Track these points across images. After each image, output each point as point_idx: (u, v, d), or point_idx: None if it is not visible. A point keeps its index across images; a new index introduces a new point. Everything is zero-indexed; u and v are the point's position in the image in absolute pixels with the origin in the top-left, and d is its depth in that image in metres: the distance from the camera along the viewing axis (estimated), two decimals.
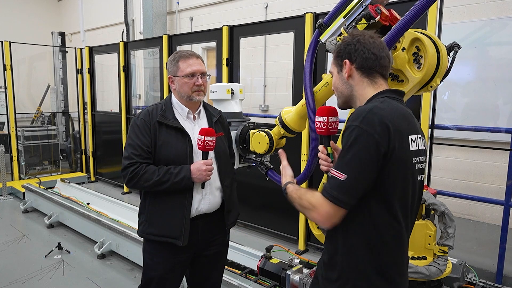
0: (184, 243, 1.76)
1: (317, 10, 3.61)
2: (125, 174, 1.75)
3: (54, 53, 7.33)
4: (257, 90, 6.24)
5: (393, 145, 1.12)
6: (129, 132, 1.81)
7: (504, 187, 3.03)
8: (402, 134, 1.15)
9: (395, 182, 1.15)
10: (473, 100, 4.24)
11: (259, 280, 2.65)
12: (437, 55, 1.46)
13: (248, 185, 4.17)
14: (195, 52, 1.90)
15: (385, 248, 1.19)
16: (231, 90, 2.21)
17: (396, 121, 1.14)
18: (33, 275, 3.22)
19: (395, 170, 1.14)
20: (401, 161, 1.15)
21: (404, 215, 1.21)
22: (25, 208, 4.86)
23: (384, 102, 1.20)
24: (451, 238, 1.92)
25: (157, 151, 1.77)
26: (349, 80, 1.29)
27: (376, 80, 1.27)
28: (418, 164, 1.22)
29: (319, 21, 1.72)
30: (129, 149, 1.76)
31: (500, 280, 2.88)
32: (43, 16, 10.40)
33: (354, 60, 1.26)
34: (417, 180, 1.23)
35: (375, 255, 1.18)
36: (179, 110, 1.86)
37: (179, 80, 1.81)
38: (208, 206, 1.85)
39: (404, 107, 1.25)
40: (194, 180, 1.74)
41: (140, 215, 1.89)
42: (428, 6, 1.32)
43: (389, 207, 1.16)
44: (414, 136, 1.21)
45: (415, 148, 1.20)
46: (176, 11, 7.31)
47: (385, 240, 1.18)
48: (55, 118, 7.51)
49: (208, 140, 1.73)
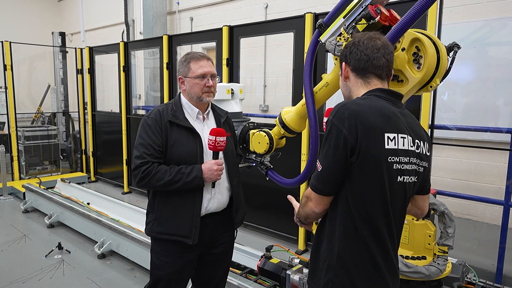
0: (194, 242, 1.78)
1: (317, 10, 3.61)
2: (136, 174, 1.75)
3: (54, 53, 7.34)
4: (257, 90, 6.24)
5: (362, 141, 1.14)
6: (139, 132, 1.82)
7: (503, 187, 3.03)
8: (374, 130, 1.16)
9: (365, 177, 1.18)
10: (473, 100, 4.24)
11: (259, 280, 2.66)
12: (437, 55, 1.46)
13: (248, 185, 4.16)
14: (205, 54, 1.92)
15: (361, 242, 1.21)
16: (231, 90, 2.22)
17: (369, 117, 1.16)
18: (34, 275, 3.22)
19: (365, 166, 1.17)
20: (371, 157, 1.16)
21: (383, 212, 1.20)
22: (26, 208, 4.86)
23: (365, 99, 1.23)
24: (451, 238, 1.92)
25: (168, 150, 1.79)
26: (346, 81, 1.36)
27: (369, 81, 1.30)
28: (397, 164, 1.19)
29: (319, 21, 1.72)
30: (140, 148, 1.76)
31: (500, 280, 2.89)
32: (44, 16, 10.40)
33: (349, 62, 1.32)
34: (396, 180, 1.20)
35: (352, 246, 1.22)
36: (189, 111, 1.88)
37: (190, 81, 1.84)
38: (217, 205, 1.88)
39: (389, 106, 1.23)
40: (205, 179, 1.77)
41: (148, 214, 1.89)
42: (427, 6, 1.32)
43: (362, 202, 1.19)
44: (393, 135, 1.18)
45: (393, 147, 1.18)
46: (176, 11, 7.32)
47: (361, 234, 1.20)
48: (55, 118, 7.51)
49: (220, 140, 1.76)
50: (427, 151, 1.28)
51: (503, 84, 4.01)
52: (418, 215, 1.46)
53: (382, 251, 1.23)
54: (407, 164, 1.22)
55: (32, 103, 8.48)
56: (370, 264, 1.22)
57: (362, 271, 1.22)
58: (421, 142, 1.26)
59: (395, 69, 1.52)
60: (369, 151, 1.15)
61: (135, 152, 1.79)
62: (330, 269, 1.24)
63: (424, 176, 1.31)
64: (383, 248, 1.23)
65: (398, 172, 1.20)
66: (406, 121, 1.25)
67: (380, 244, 1.23)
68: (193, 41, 5.11)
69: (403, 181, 1.22)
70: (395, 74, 1.53)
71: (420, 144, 1.26)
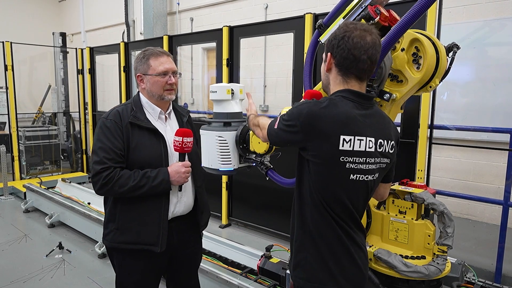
0: (162, 249, 1.70)
1: (316, 11, 3.62)
2: (97, 180, 1.61)
3: (55, 54, 7.35)
4: (257, 90, 6.25)
5: (313, 139, 1.24)
6: (97, 135, 1.67)
7: (502, 187, 3.04)
8: (326, 134, 1.23)
9: (321, 173, 1.28)
10: (472, 100, 4.25)
11: (259, 279, 2.66)
12: (436, 55, 1.48)
13: (248, 185, 4.18)
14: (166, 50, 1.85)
15: (327, 224, 1.31)
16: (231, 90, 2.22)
17: (322, 118, 1.23)
18: (34, 274, 3.23)
19: (318, 163, 1.27)
20: (322, 156, 1.25)
21: (341, 204, 1.30)
22: (26, 207, 4.88)
23: (330, 100, 1.28)
24: (450, 237, 1.92)
25: (130, 154, 1.67)
26: (328, 72, 1.36)
27: (349, 81, 1.30)
28: (351, 164, 1.26)
29: (319, 21, 1.73)
30: (100, 153, 1.62)
31: (499, 279, 2.90)
32: (44, 17, 10.41)
33: (334, 56, 1.31)
34: (349, 178, 1.28)
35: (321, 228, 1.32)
36: (150, 111, 1.78)
37: (150, 78, 1.74)
38: (183, 208, 1.82)
39: (351, 110, 1.27)
40: (172, 183, 1.68)
41: (108, 223, 1.74)
42: (427, 7, 1.32)
43: (321, 193, 1.29)
44: (350, 137, 1.24)
45: (348, 149, 1.24)
46: (176, 11, 7.33)
47: (326, 217, 1.30)
48: (56, 118, 7.52)
49: (187, 141, 1.69)
50: (390, 149, 1.35)
51: (502, 84, 4.02)
52: (377, 199, 1.61)
53: (346, 232, 1.33)
54: (363, 164, 1.29)
55: (33, 103, 8.49)
56: (337, 242, 1.32)
57: (331, 248, 1.32)
58: (384, 141, 1.33)
59: (395, 69, 1.53)
60: (320, 151, 1.25)
61: (94, 158, 1.65)
62: (303, 247, 1.35)
63: (386, 170, 1.41)
64: (347, 230, 1.33)
65: (351, 171, 1.27)
66: (370, 122, 1.29)
67: (343, 227, 1.33)
68: (193, 41, 5.12)
69: (356, 179, 1.29)
70: (394, 74, 1.54)
71: (384, 143, 1.33)
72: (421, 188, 2.00)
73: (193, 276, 2.04)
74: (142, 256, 1.73)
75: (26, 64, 8.98)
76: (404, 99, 1.55)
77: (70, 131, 7.53)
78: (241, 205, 4.39)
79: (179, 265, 1.94)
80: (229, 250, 3.17)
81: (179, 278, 1.99)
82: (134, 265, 1.75)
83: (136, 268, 1.75)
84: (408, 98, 1.57)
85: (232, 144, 2.16)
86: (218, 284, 2.61)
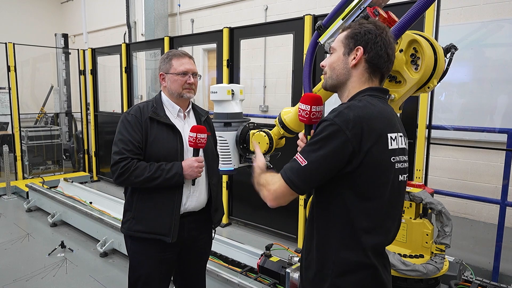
0: (173, 240, 1.76)
1: (316, 12, 3.66)
2: (115, 170, 1.71)
3: (57, 55, 7.39)
4: (257, 91, 6.28)
5: (366, 144, 1.09)
6: (119, 128, 1.78)
7: (500, 186, 3.06)
8: (379, 132, 1.12)
9: (370, 180, 1.12)
10: (470, 100, 4.28)
11: (259, 278, 2.69)
12: (434, 56, 1.48)
13: (248, 185, 4.18)
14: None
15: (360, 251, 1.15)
16: (232, 91, 2.24)
17: (372, 119, 1.11)
18: (37, 273, 3.25)
19: (369, 169, 1.11)
20: (375, 160, 1.11)
21: (384, 214, 1.17)
22: (29, 207, 4.90)
23: (362, 101, 1.16)
24: (448, 236, 1.93)
25: (148, 147, 1.76)
26: (353, 68, 1.21)
27: (374, 79, 1.23)
28: (398, 163, 1.17)
29: (318, 23, 1.73)
30: (119, 144, 1.73)
31: (496, 278, 2.91)
32: (47, 18, 10.45)
33: (368, 52, 1.18)
34: (398, 180, 1.18)
35: (349, 251, 1.15)
36: (169, 108, 1.87)
37: (171, 77, 1.83)
38: (195, 203, 1.86)
39: (384, 105, 1.20)
40: (185, 177, 1.75)
41: (126, 212, 1.85)
42: (425, 8, 1.32)
43: (364, 205, 1.13)
44: (394, 135, 1.16)
45: (395, 147, 1.16)
46: (177, 13, 7.36)
47: (359, 236, 1.14)
48: (58, 119, 7.56)
49: (200, 137, 1.75)
50: (406, 145, 1.26)
51: (500, 85, 4.05)
52: None
53: (382, 259, 1.19)
54: (403, 162, 1.21)
55: (35, 103, 8.52)
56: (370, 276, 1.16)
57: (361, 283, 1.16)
58: (404, 137, 1.25)
59: (393, 70, 1.54)
60: (374, 155, 1.10)
61: (113, 148, 1.75)
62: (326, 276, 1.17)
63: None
64: (383, 256, 1.20)
65: (400, 171, 1.19)
66: (395, 118, 1.23)
67: (380, 253, 1.18)
68: (194, 42, 5.15)
69: (403, 179, 1.21)
70: (393, 75, 1.56)
71: (405, 139, 1.25)
72: (419, 188, 2.02)
73: (199, 272, 2.08)
74: (155, 246, 1.80)
75: (29, 65, 9.00)
76: (403, 100, 1.56)
77: (72, 131, 7.57)
78: (241, 204, 4.41)
79: (187, 261, 1.99)
80: (230, 249, 3.20)
81: (187, 273, 2.03)
82: (147, 253, 1.82)
83: (147, 255, 1.82)
84: (406, 98, 1.58)
85: (232, 144, 2.19)
86: (219, 283, 2.62)
